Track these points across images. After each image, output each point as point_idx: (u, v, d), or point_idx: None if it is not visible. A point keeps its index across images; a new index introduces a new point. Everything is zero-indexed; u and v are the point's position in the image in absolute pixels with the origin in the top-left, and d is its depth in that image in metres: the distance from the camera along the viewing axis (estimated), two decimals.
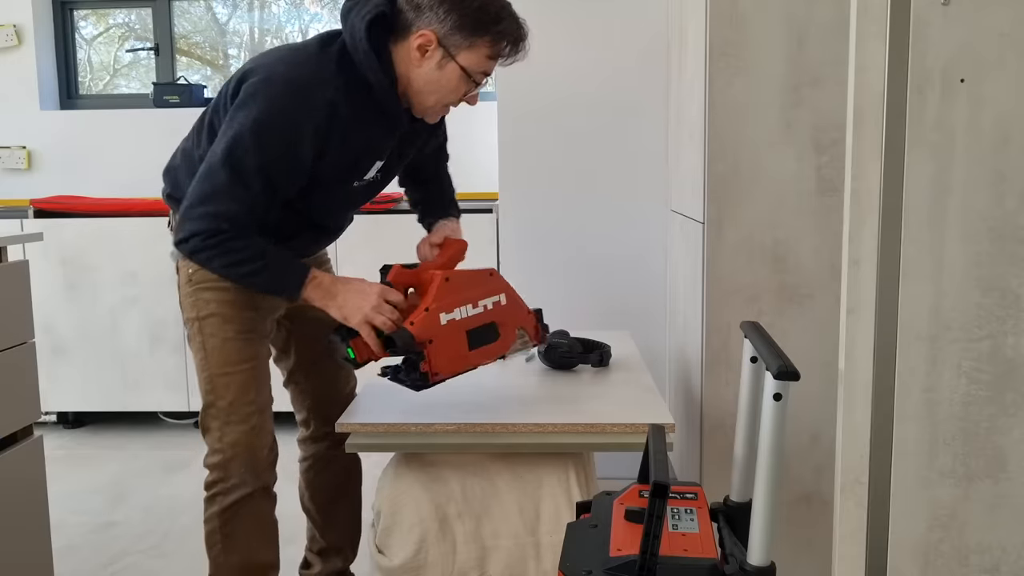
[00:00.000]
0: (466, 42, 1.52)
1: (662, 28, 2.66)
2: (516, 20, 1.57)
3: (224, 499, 1.62)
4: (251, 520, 1.65)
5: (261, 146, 1.47)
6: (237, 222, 1.49)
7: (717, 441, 2.03)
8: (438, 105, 1.60)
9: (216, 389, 1.62)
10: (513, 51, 1.56)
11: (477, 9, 1.51)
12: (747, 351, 1.27)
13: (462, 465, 1.57)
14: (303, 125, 1.49)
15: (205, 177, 1.50)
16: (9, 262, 1.81)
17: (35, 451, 1.87)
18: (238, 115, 1.49)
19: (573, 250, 2.76)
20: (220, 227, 1.48)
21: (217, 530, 1.63)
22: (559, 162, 2.72)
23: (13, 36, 3.83)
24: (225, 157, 1.48)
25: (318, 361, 1.86)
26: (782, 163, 1.92)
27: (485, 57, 1.54)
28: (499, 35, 1.53)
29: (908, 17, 1.14)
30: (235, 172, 1.48)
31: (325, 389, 1.88)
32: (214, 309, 1.64)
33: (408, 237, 3.55)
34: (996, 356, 1.19)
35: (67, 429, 3.53)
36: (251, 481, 1.63)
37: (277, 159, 1.49)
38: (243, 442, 1.61)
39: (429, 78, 1.55)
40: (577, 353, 1.94)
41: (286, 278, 1.56)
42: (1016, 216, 1.16)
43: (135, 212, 3.36)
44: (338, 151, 1.56)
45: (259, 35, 4.13)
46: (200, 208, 1.49)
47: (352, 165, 1.62)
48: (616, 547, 1.10)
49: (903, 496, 1.22)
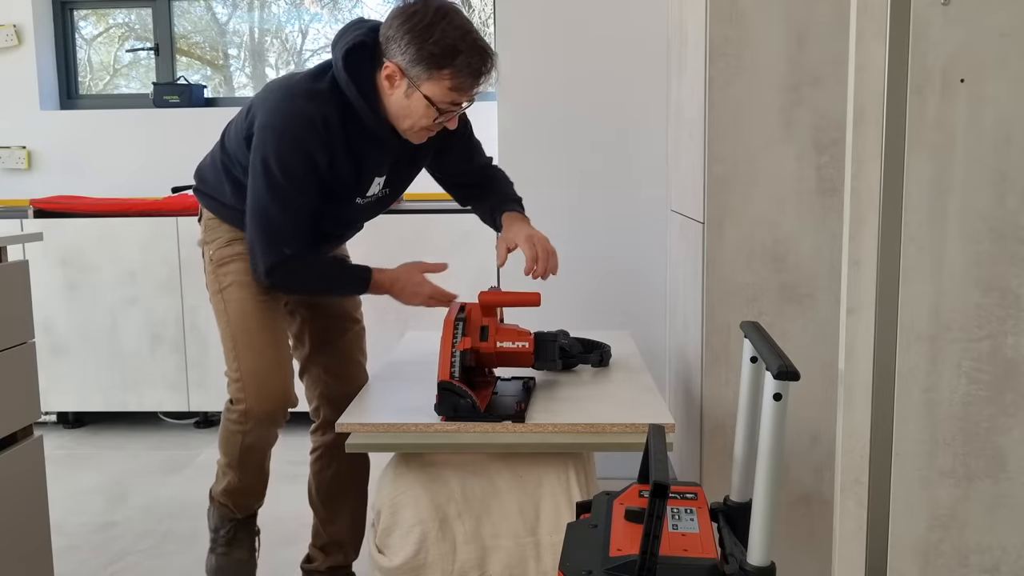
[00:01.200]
0: (426, 74, 1.61)
1: (662, 28, 2.66)
2: (477, 51, 1.61)
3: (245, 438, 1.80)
4: (264, 448, 1.86)
5: (287, 175, 1.67)
6: (293, 244, 1.72)
7: (717, 441, 2.03)
8: (413, 129, 1.70)
9: (238, 345, 1.80)
10: (473, 83, 1.63)
11: (434, 43, 1.59)
12: (747, 351, 1.27)
13: (462, 465, 1.57)
14: (314, 148, 1.66)
15: (253, 219, 1.72)
16: (9, 262, 1.81)
17: (35, 451, 1.87)
18: (258, 155, 1.69)
19: (573, 250, 2.75)
20: (283, 254, 1.71)
21: (237, 449, 1.82)
22: (559, 162, 2.72)
23: (13, 36, 3.83)
24: (263, 196, 1.69)
25: (330, 350, 1.97)
26: (782, 163, 1.92)
27: (447, 88, 1.62)
28: (457, 69, 1.60)
29: (908, 17, 1.14)
30: (277, 205, 1.69)
31: (337, 380, 1.97)
32: (232, 279, 1.82)
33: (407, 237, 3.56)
34: (996, 356, 1.19)
35: (67, 429, 3.53)
36: (266, 427, 1.80)
37: (303, 181, 1.69)
38: (262, 396, 1.77)
39: (400, 105, 1.67)
40: (577, 353, 1.94)
41: (352, 283, 1.83)
42: (1016, 216, 1.16)
43: (135, 212, 3.36)
44: (340, 168, 1.71)
45: (259, 35, 4.13)
46: (260, 245, 1.72)
47: (353, 183, 1.76)
48: (616, 547, 1.10)
49: (903, 496, 1.22)
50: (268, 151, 1.67)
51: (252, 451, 1.84)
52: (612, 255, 2.75)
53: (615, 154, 2.71)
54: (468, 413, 1.56)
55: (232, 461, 1.86)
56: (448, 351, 1.60)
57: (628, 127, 2.70)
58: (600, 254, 2.75)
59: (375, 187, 1.80)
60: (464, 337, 1.64)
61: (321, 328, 1.97)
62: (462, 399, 1.55)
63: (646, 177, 2.72)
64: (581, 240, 2.75)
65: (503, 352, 1.70)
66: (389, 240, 3.30)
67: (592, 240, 2.75)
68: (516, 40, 2.67)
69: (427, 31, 1.59)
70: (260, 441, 1.84)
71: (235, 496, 1.91)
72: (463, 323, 1.66)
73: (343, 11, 4.06)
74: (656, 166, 2.71)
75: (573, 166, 2.72)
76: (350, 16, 4.04)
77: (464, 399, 1.55)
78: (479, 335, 1.69)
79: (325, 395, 1.98)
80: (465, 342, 1.63)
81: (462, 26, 1.61)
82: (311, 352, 1.98)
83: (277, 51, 4.15)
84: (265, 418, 1.79)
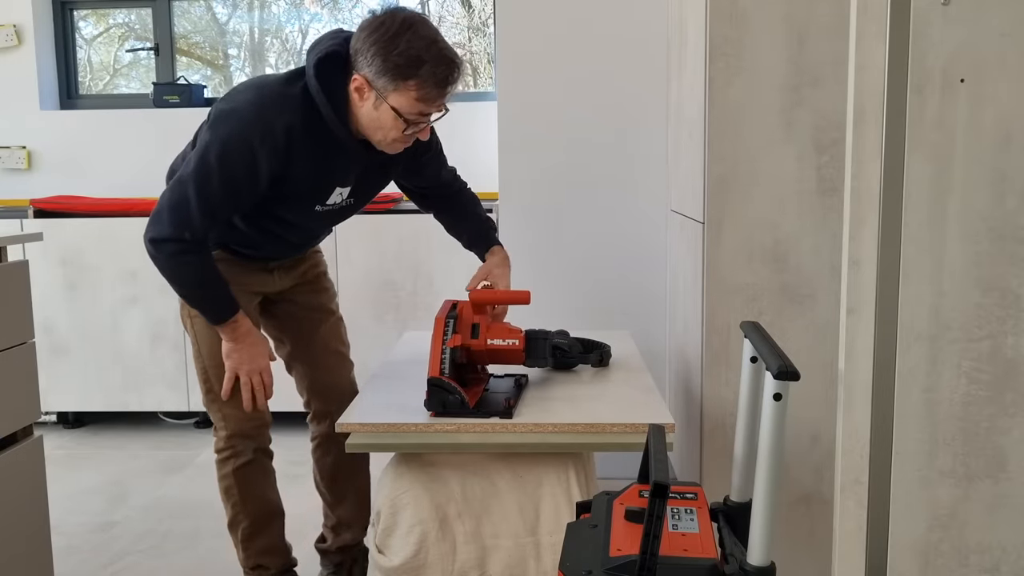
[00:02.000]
0: (392, 85, 1.61)
1: (662, 28, 2.66)
2: (443, 61, 1.61)
3: (235, 462, 1.89)
4: (258, 475, 1.93)
5: (223, 166, 1.65)
6: (195, 233, 1.67)
7: (717, 441, 2.03)
8: (385, 141, 1.70)
9: (210, 380, 1.87)
10: (440, 94, 1.64)
11: (399, 54, 1.59)
12: (747, 351, 1.27)
13: (462, 465, 1.57)
14: (260, 150, 1.64)
15: (176, 185, 1.68)
16: (9, 262, 1.81)
17: (35, 451, 1.87)
18: (206, 137, 1.68)
19: (573, 250, 2.76)
20: (181, 235, 1.67)
21: (233, 485, 1.90)
22: (559, 162, 2.72)
23: (13, 36, 3.83)
24: (193, 171, 1.66)
25: (309, 344, 2.02)
26: (782, 163, 1.92)
27: (414, 99, 1.62)
28: (422, 80, 1.60)
29: (908, 17, 1.14)
30: (200, 185, 1.65)
31: (318, 371, 2.03)
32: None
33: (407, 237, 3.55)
34: (996, 356, 1.19)
35: (67, 429, 3.53)
36: (251, 448, 1.90)
37: (235, 178, 1.66)
38: (239, 417, 1.86)
39: (369, 117, 1.67)
40: (577, 353, 1.94)
41: (216, 307, 1.77)
42: (1016, 216, 1.16)
43: (135, 212, 3.36)
44: (298, 176, 1.70)
45: (259, 35, 4.13)
46: (165, 215, 1.68)
47: (312, 190, 1.76)
48: (616, 547, 1.10)
49: (903, 496, 1.22)
50: (216, 137, 1.65)
51: (248, 480, 1.91)
52: (612, 255, 2.75)
53: (615, 154, 2.71)
54: (457, 409, 1.57)
55: (235, 502, 1.92)
56: (439, 348, 1.62)
57: (628, 127, 2.70)
58: (600, 254, 2.75)
59: (337, 196, 1.80)
60: (455, 334, 1.65)
61: (296, 324, 2.01)
62: (451, 395, 1.56)
63: (646, 177, 2.72)
64: (581, 240, 2.75)
65: (494, 349, 1.72)
66: (388, 240, 3.30)
67: (592, 240, 2.75)
68: (516, 40, 2.67)
69: (392, 42, 1.59)
70: (252, 467, 1.91)
71: (254, 541, 1.95)
72: (454, 320, 1.67)
73: (343, 11, 4.06)
74: (656, 166, 2.71)
75: (573, 166, 2.72)
76: (350, 16, 4.04)
77: (453, 395, 1.56)
78: (470, 332, 1.70)
79: (312, 388, 2.04)
80: (455, 339, 1.65)
81: (427, 36, 1.61)
82: (292, 349, 2.03)
83: (277, 51, 4.16)
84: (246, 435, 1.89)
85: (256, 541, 1.94)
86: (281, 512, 2.00)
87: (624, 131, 2.70)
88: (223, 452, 1.90)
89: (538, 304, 2.74)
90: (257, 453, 1.91)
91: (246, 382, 1.82)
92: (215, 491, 1.94)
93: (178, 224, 1.66)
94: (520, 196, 2.75)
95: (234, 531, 1.95)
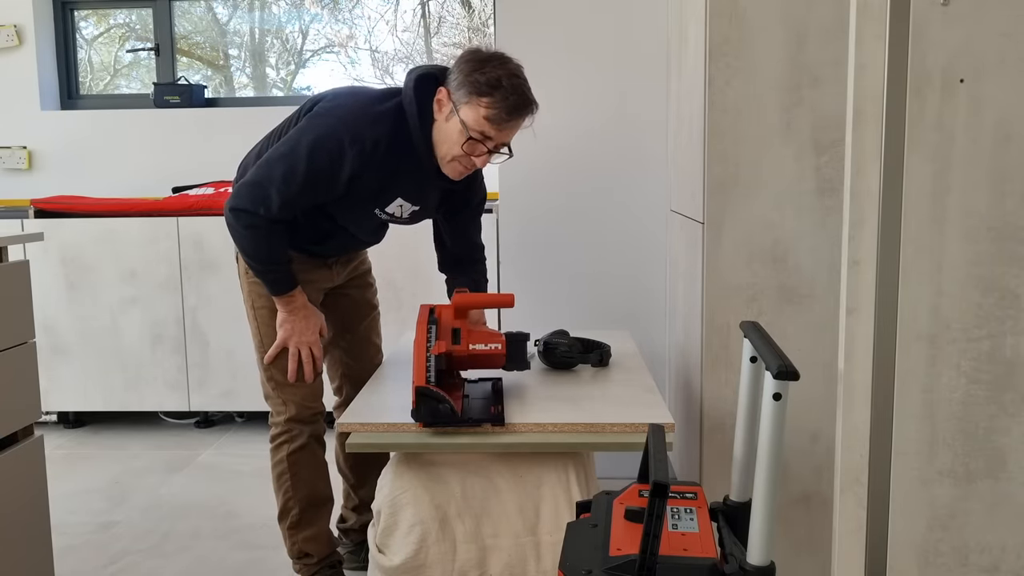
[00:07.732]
0: (466, 98, 1.74)
1: (662, 28, 2.66)
2: (518, 93, 1.74)
3: (289, 446, 1.97)
4: (311, 461, 2.00)
5: (312, 156, 1.76)
6: (271, 212, 1.79)
7: (717, 441, 2.03)
8: (447, 156, 1.80)
9: (270, 368, 1.96)
10: (506, 119, 1.74)
11: (482, 74, 1.72)
12: (747, 351, 1.27)
13: (462, 465, 1.57)
14: (349, 150, 1.75)
15: (264, 164, 1.81)
16: (9, 262, 1.81)
17: (35, 451, 1.87)
18: (304, 126, 1.81)
19: (573, 250, 2.76)
20: (258, 211, 1.78)
21: (287, 471, 1.97)
22: (559, 162, 2.72)
23: (13, 36, 3.83)
24: (283, 155, 1.79)
25: (351, 335, 2.14)
26: (782, 163, 1.92)
27: (482, 117, 1.73)
28: (494, 100, 1.72)
29: (908, 17, 1.14)
30: (287, 169, 1.77)
31: (357, 360, 2.16)
32: (266, 302, 1.95)
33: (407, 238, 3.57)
34: (996, 356, 1.19)
35: (67, 429, 3.53)
36: (306, 433, 1.98)
37: (320, 170, 1.77)
38: (300, 401, 1.96)
39: (440, 129, 1.79)
40: (577, 353, 1.94)
41: (278, 280, 1.88)
42: (1016, 216, 1.16)
43: (135, 212, 3.36)
44: (369, 178, 1.81)
45: (259, 35, 4.13)
46: (247, 188, 1.80)
47: (377, 193, 1.86)
48: (616, 547, 1.10)
49: (903, 496, 1.22)
50: (311, 132, 1.78)
51: (301, 465, 1.98)
52: (612, 255, 2.75)
53: (615, 154, 2.71)
54: (447, 419, 1.54)
55: (287, 488, 1.99)
56: (423, 356, 1.59)
57: (628, 127, 2.70)
58: (600, 254, 2.75)
59: (396, 207, 1.90)
60: (438, 341, 1.64)
61: (344, 315, 2.13)
62: (440, 404, 1.53)
63: (646, 177, 2.72)
64: (581, 240, 2.75)
65: (476, 354, 1.71)
66: (388, 240, 3.29)
67: (592, 240, 2.75)
68: (516, 40, 2.67)
69: (481, 64, 1.73)
70: (306, 452, 1.99)
71: (302, 528, 2.01)
72: (435, 326, 1.66)
73: (343, 11, 4.06)
74: (656, 166, 2.71)
75: (573, 166, 2.72)
76: (350, 16, 4.05)
77: (443, 404, 1.53)
78: (451, 338, 1.69)
79: (347, 375, 2.16)
80: (439, 346, 1.63)
81: (512, 71, 1.74)
82: (333, 337, 2.13)
83: (277, 51, 4.16)
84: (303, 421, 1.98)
85: (304, 528, 2.01)
86: (331, 502, 2.06)
87: (624, 131, 2.70)
88: (279, 437, 1.98)
89: (538, 304, 2.74)
90: (311, 440, 1.99)
91: (294, 352, 1.92)
92: (215, 491, 1.95)
93: (256, 200, 1.78)
94: (520, 196, 2.75)
95: (283, 520, 2.01)
